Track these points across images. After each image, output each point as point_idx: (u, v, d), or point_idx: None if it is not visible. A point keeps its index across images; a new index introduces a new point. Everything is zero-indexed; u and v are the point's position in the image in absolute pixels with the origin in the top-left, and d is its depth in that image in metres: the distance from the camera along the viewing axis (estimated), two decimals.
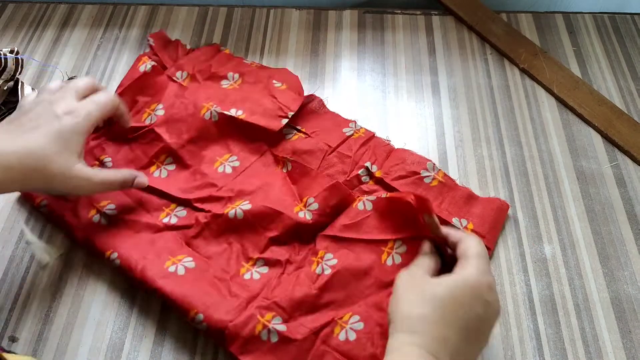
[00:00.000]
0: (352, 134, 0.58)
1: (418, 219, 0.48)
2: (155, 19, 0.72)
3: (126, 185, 0.51)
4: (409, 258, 0.48)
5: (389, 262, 0.49)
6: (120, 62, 0.67)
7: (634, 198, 0.56)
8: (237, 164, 0.56)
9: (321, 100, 0.61)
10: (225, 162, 0.56)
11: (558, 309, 0.49)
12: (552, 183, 0.57)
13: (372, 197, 0.53)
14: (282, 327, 0.45)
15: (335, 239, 0.51)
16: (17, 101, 0.59)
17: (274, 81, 0.62)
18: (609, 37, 0.70)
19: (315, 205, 0.52)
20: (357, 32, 0.71)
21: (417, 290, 0.41)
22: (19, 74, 0.61)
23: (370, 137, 0.58)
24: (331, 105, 0.61)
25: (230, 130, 0.58)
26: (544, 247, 0.53)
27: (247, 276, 0.49)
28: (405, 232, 0.50)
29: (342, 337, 0.46)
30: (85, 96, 0.50)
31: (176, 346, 0.47)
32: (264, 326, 0.45)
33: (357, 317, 0.47)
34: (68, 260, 0.52)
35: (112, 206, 0.53)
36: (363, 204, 0.52)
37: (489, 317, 0.41)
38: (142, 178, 0.52)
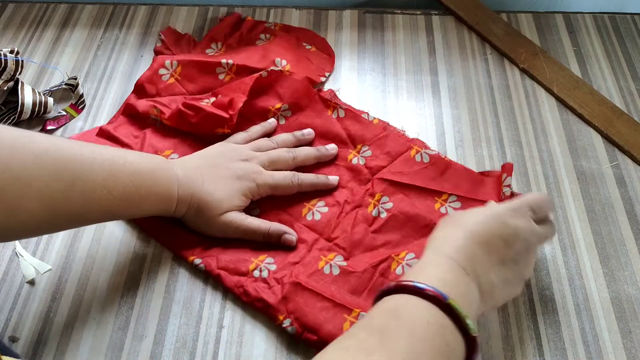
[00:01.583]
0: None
1: (489, 188, 0.53)
2: (155, 19, 0.72)
3: (271, 239, 0.51)
4: None
5: (442, 210, 0.53)
6: (120, 62, 0.67)
7: (634, 198, 0.56)
8: (288, 113, 0.60)
9: (332, 90, 0.62)
10: (278, 112, 0.60)
11: (558, 309, 0.49)
12: (552, 183, 0.57)
13: (431, 151, 0.56)
14: (343, 263, 0.50)
15: (392, 183, 0.54)
16: (17, 101, 0.59)
17: (304, 43, 0.66)
18: (609, 37, 0.70)
19: (368, 152, 0.57)
20: (357, 32, 0.71)
21: (452, 222, 0.44)
22: (19, 74, 0.61)
23: (384, 126, 0.59)
24: None
25: (278, 80, 0.61)
26: (544, 247, 0.53)
27: (309, 217, 0.53)
28: (462, 191, 0.54)
29: (399, 271, 0.49)
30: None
31: (176, 346, 0.47)
32: (327, 262, 0.50)
33: (412, 255, 0.50)
34: (68, 261, 0.52)
35: (176, 156, 0.56)
36: (420, 155, 0.56)
37: (517, 243, 0.42)
38: (291, 236, 0.51)
